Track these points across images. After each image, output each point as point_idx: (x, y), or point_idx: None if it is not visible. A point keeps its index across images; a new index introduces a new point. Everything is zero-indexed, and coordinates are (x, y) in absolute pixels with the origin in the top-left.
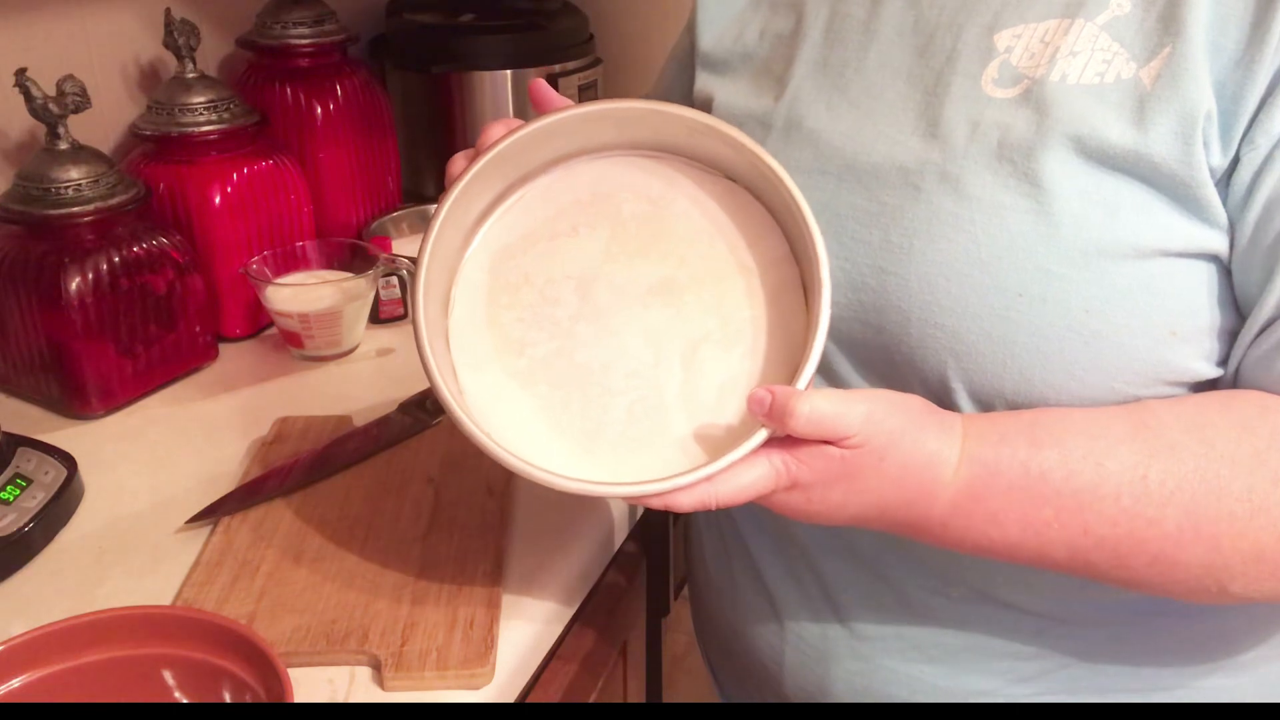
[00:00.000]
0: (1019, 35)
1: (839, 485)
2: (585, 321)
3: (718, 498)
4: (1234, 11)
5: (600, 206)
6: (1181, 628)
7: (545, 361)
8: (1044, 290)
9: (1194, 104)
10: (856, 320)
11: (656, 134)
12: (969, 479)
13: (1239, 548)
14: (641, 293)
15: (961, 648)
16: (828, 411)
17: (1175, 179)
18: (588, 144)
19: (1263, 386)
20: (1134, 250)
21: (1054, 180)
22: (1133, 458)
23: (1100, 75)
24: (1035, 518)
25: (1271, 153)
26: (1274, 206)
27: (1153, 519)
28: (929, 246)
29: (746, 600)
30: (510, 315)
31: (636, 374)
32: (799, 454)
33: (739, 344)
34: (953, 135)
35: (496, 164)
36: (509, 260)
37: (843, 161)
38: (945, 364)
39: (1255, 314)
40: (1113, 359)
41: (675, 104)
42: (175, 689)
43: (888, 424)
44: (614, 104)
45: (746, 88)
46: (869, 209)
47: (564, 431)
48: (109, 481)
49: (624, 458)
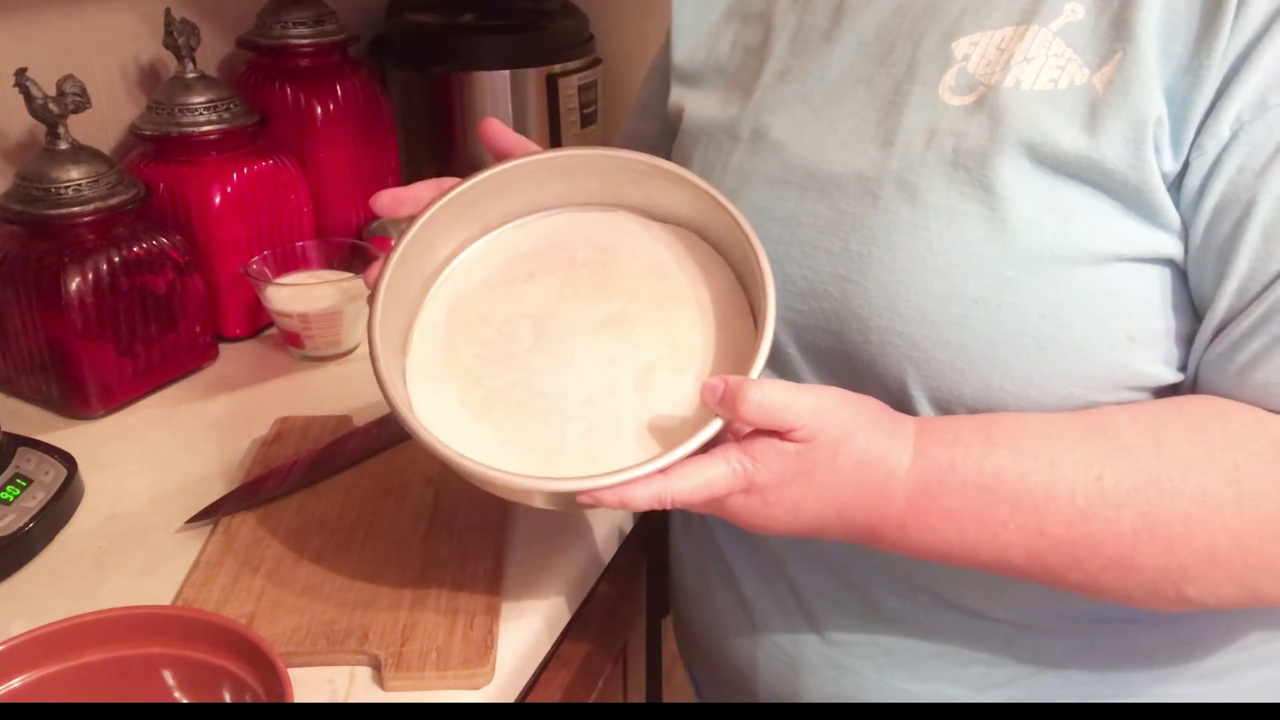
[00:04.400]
0: (976, 42)
1: (795, 484)
2: (540, 353)
3: (673, 494)
4: (1182, 18)
5: (554, 255)
6: (1153, 634)
7: (502, 392)
8: (1000, 297)
9: (1145, 110)
10: (818, 328)
11: (605, 184)
12: (922, 476)
13: (1193, 548)
14: (594, 326)
15: (931, 654)
16: (778, 399)
17: (1127, 184)
18: (541, 198)
19: (1220, 389)
20: (1089, 255)
21: (1007, 187)
22: (1087, 459)
23: (1054, 81)
24: (991, 517)
25: (1219, 157)
26: (1223, 210)
27: (1108, 520)
28: (887, 254)
29: (722, 607)
30: (468, 351)
31: (592, 400)
32: (754, 451)
33: (690, 368)
34: (910, 144)
35: (454, 213)
36: (467, 303)
37: (805, 171)
38: (905, 371)
39: (1209, 316)
40: (1071, 365)
41: (623, 150)
42: (175, 689)
43: (838, 417)
44: (565, 152)
45: (716, 99)
46: (830, 217)
47: (523, 455)
48: (109, 481)
49: (580, 471)
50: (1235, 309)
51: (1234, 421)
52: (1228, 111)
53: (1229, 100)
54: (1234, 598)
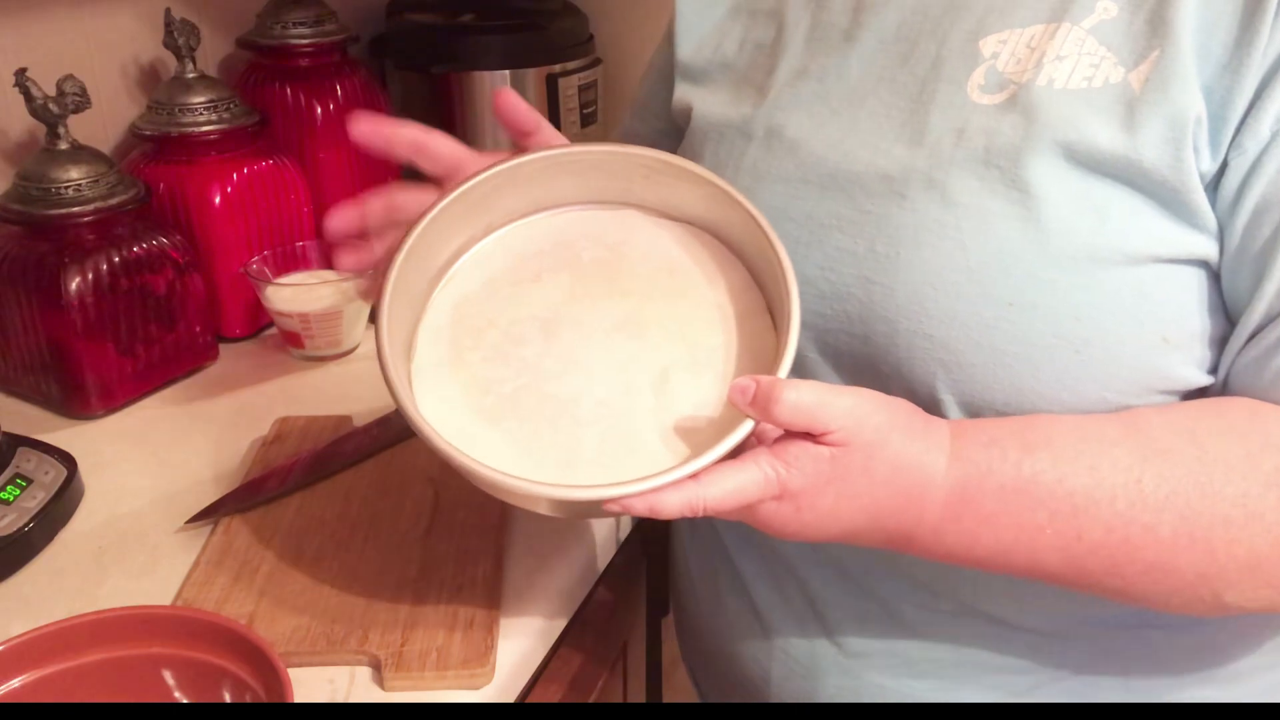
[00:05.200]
0: (1005, 41)
1: (829, 489)
2: (551, 358)
3: (705, 501)
4: (1221, 15)
5: (560, 254)
6: (1174, 639)
7: (512, 398)
8: (1034, 298)
9: (1183, 108)
10: (842, 331)
11: (614, 181)
12: (960, 480)
13: (1234, 554)
14: (607, 328)
15: (952, 663)
16: (812, 400)
17: (1165, 184)
18: (547, 196)
19: (1253, 393)
20: (1124, 256)
21: (1042, 186)
22: (1127, 461)
23: (1088, 79)
24: (1029, 521)
25: (1259, 158)
26: (1262, 212)
27: (1148, 524)
28: (915, 255)
29: (732, 616)
30: (475, 356)
31: (606, 403)
32: (787, 456)
33: (709, 369)
34: (938, 142)
35: (459, 211)
36: (472, 306)
37: (825, 170)
38: (934, 375)
39: (1244, 320)
40: (1104, 368)
41: (633, 145)
42: (175, 689)
43: (873, 420)
44: (573, 149)
45: (726, 97)
46: (853, 218)
47: (537, 463)
48: (109, 481)
49: (600, 479)
50: (1272, 313)
51: (1271, 424)
52: (1269, 111)
53: (1270, 100)
54: (1270, 603)
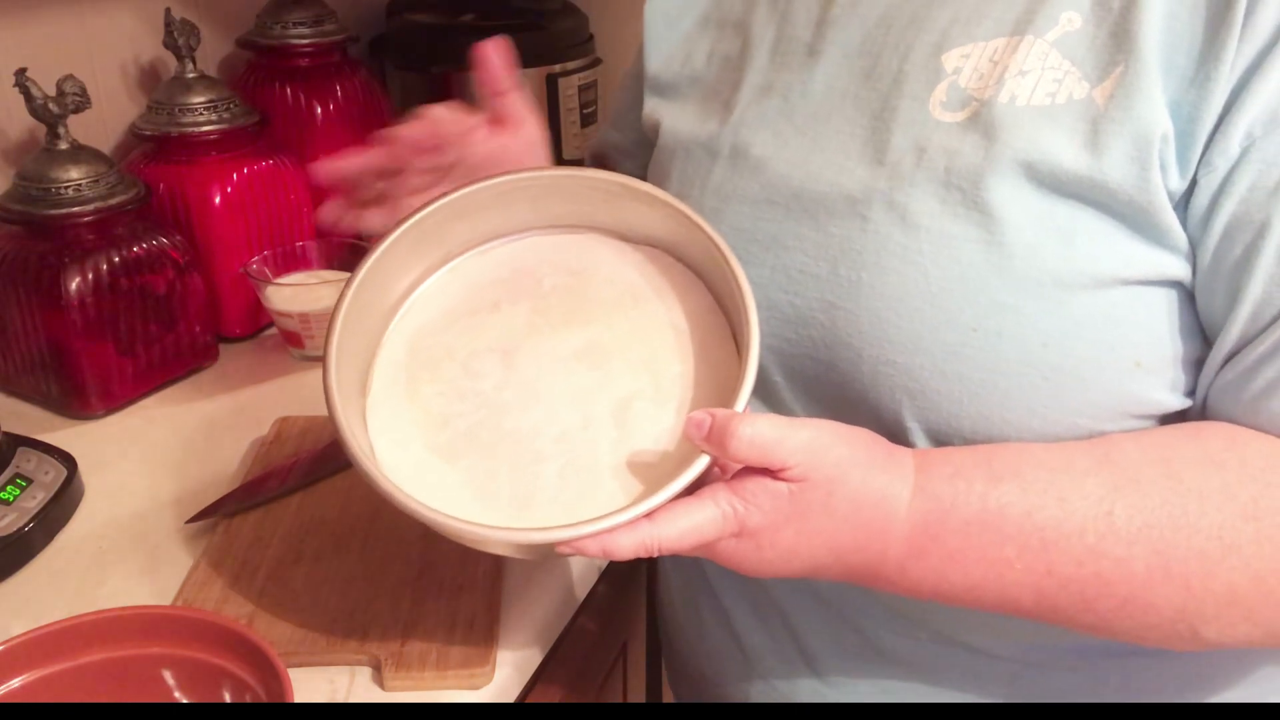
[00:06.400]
0: (967, 55)
1: (789, 526)
2: (510, 389)
3: (660, 541)
4: (1186, 28)
5: (520, 282)
6: (1159, 668)
7: (469, 434)
8: (999, 324)
9: (1149, 126)
10: (807, 357)
11: (573, 205)
12: (923, 515)
13: (1211, 589)
14: (567, 358)
15: (932, 693)
16: (769, 436)
17: (1132, 204)
18: (506, 222)
19: (1230, 416)
20: (1092, 279)
21: (1004, 208)
22: (1098, 492)
23: (1051, 95)
24: (996, 556)
25: (1229, 175)
26: (1234, 230)
27: (1120, 558)
28: (878, 279)
29: (714, 645)
30: (431, 390)
31: (566, 437)
32: (745, 492)
33: (670, 399)
34: (899, 161)
35: (411, 243)
36: (430, 338)
37: (789, 190)
38: (900, 402)
39: (1221, 340)
40: (1076, 394)
41: (589, 168)
42: (175, 689)
43: (832, 454)
44: (529, 173)
45: (694, 112)
46: (816, 240)
47: (494, 502)
48: (109, 481)
49: (558, 517)
50: (1248, 335)
51: (1249, 452)
52: (1237, 126)
53: (1239, 114)
54: (1251, 638)
